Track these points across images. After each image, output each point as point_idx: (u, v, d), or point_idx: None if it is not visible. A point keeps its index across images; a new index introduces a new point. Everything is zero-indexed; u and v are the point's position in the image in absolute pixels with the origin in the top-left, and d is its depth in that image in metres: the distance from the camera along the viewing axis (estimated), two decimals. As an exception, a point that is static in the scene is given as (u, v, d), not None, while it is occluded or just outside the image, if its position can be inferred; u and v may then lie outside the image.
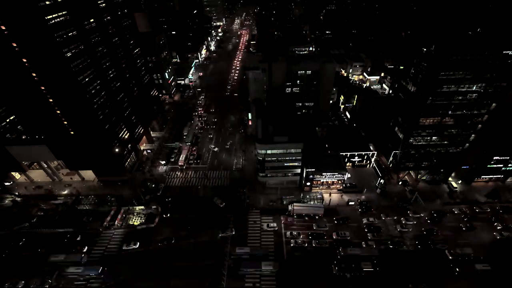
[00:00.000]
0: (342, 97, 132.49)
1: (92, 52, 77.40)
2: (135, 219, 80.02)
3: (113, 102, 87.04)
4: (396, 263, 67.67)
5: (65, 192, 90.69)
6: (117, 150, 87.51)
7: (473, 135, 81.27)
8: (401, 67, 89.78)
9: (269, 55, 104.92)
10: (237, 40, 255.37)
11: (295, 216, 79.16)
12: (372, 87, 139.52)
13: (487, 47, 66.31)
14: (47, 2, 62.28)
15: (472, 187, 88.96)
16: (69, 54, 67.83)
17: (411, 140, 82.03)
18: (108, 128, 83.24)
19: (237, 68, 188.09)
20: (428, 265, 66.90)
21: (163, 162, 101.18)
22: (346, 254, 68.35)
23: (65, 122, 77.80)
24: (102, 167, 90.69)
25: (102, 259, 70.09)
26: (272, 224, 77.16)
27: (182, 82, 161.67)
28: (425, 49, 73.17)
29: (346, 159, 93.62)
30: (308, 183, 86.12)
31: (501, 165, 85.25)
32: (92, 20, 77.70)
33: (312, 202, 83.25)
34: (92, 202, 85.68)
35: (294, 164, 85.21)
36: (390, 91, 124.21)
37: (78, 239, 74.45)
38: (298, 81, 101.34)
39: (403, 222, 77.10)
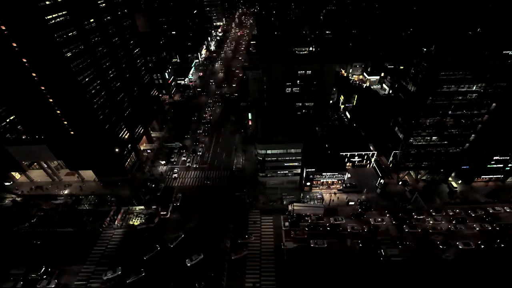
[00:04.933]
0: (342, 97, 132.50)
1: (92, 52, 77.37)
2: (135, 219, 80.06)
3: (113, 102, 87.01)
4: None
5: (65, 192, 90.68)
6: (117, 150, 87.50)
7: (473, 135, 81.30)
8: (401, 67, 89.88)
9: (269, 55, 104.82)
10: (237, 40, 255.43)
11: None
12: (372, 87, 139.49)
13: (487, 47, 66.28)
14: (47, 2, 62.28)
15: (472, 187, 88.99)
16: (69, 54, 67.81)
17: (411, 140, 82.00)
18: (108, 128, 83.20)
19: (237, 68, 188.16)
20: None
21: (163, 162, 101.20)
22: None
23: (65, 122, 77.88)
24: (102, 167, 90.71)
25: (101, 259, 70.32)
26: None
27: (182, 82, 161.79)
28: (425, 49, 73.11)
29: (346, 159, 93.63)
30: (308, 183, 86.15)
31: (501, 165, 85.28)
32: (92, 20, 77.66)
33: (312, 202, 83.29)
34: (92, 202, 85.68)
35: (294, 164, 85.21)
36: (390, 91, 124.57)
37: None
38: (298, 81, 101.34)
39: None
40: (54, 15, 63.44)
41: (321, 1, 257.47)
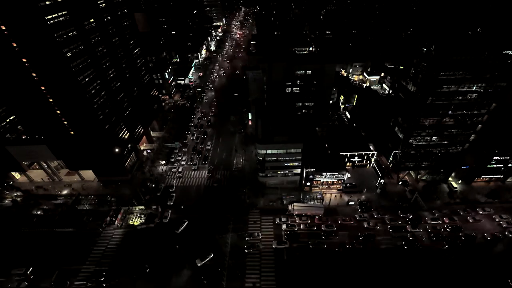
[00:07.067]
0: (342, 97, 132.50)
1: (92, 52, 77.40)
2: (135, 219, 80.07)
3: (113, 102, 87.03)
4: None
5: (65, 192, 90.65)
6: (117, 150, 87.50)
7: (473, 135, 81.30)
8: (401, 67, 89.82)
9: (269, 55, 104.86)
10: (237, 40, 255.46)
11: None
12: (372, 87, 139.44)
13: (487, 47, 66.32)
14: (47, 2, 62.30)
15: (472, 187, 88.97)
16: (69, 54, 67.83)
17: (411, 140, 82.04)
18: (108, 128, 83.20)
19: (237, 68, 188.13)
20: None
21: (163, 162, 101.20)
22: None
23: (65, 122, 77.86)
24: (102, 167, 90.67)
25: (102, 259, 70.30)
26: None
27: (182, 82, 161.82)
28: (425, 49, 73.16)
29: (346, 159, 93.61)
30: (308, 183, 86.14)
31: (501, 165, 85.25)
32: (92, 20, 77.71)
33: (312, 202, 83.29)
34: (92, 202, 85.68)
35: (294, 164, 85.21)
36: (390, 91, 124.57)
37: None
38: (298, 81, 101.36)
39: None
40: (54, 15, 63.43)
41: (321, 1, 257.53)
